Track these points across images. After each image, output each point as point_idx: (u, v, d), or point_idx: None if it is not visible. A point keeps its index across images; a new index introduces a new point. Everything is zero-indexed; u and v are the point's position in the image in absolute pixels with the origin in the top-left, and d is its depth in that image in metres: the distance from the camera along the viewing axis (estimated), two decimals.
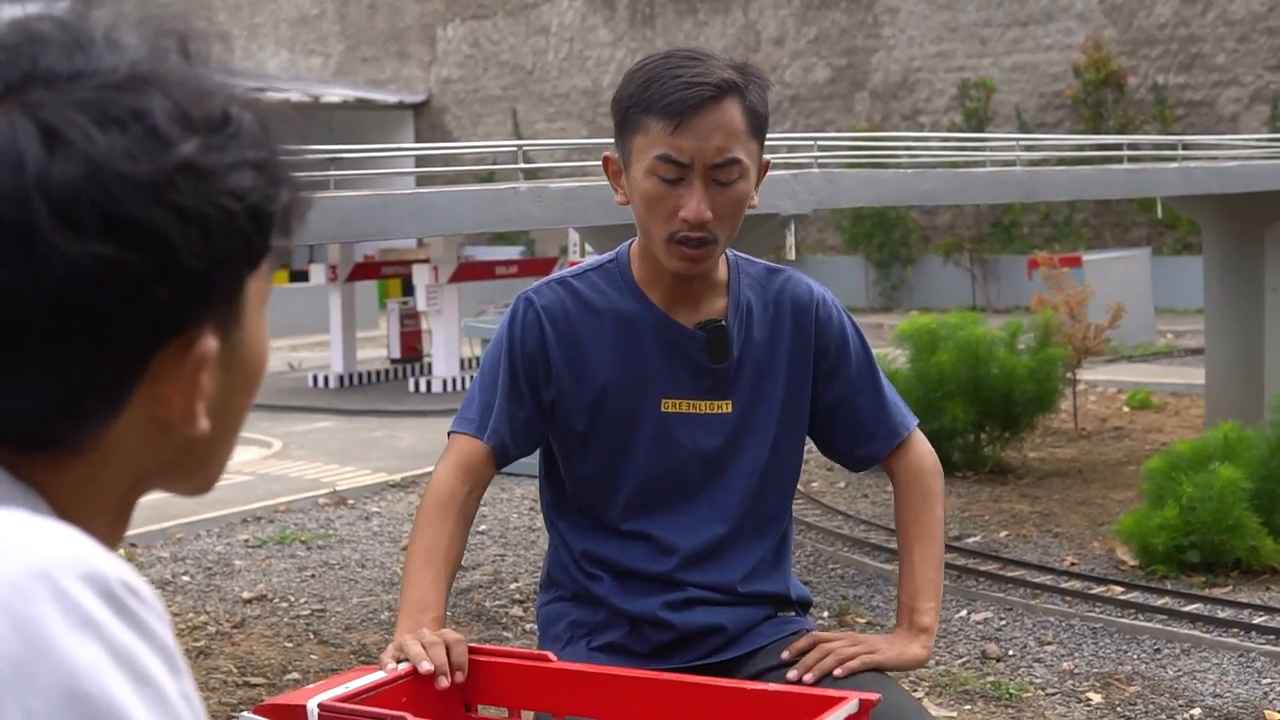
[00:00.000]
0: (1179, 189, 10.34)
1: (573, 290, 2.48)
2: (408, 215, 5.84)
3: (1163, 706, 5.37)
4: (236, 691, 5.58)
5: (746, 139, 2.34)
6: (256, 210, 0.90)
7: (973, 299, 22.74)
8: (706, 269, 2.40)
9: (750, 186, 2.37)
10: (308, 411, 13.63)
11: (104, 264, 0.83)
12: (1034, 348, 9.78)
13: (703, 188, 2.31)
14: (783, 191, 6.80)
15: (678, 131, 2.29)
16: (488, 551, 7.89)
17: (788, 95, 25.98)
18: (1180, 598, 6.61)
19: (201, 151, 0.87)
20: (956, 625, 6.41)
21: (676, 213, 2.32)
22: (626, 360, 2.46)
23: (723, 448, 2.49)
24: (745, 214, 2.42)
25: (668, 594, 2.48)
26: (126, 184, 0.84)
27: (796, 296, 2.51)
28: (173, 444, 0.94)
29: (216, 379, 0.93)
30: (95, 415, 0.89)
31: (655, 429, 2.47)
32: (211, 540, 8.26)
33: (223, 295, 0.91)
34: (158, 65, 0.89)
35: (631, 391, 2.46)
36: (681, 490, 2.49)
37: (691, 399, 2.47)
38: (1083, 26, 23.50)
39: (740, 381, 2.48)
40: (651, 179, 2.33)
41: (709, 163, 2.30)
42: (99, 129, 0.84)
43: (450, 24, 30.22)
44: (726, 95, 2.31)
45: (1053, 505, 8.75)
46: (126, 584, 0.84)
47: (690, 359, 2.46)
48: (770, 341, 2.49)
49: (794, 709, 2.18)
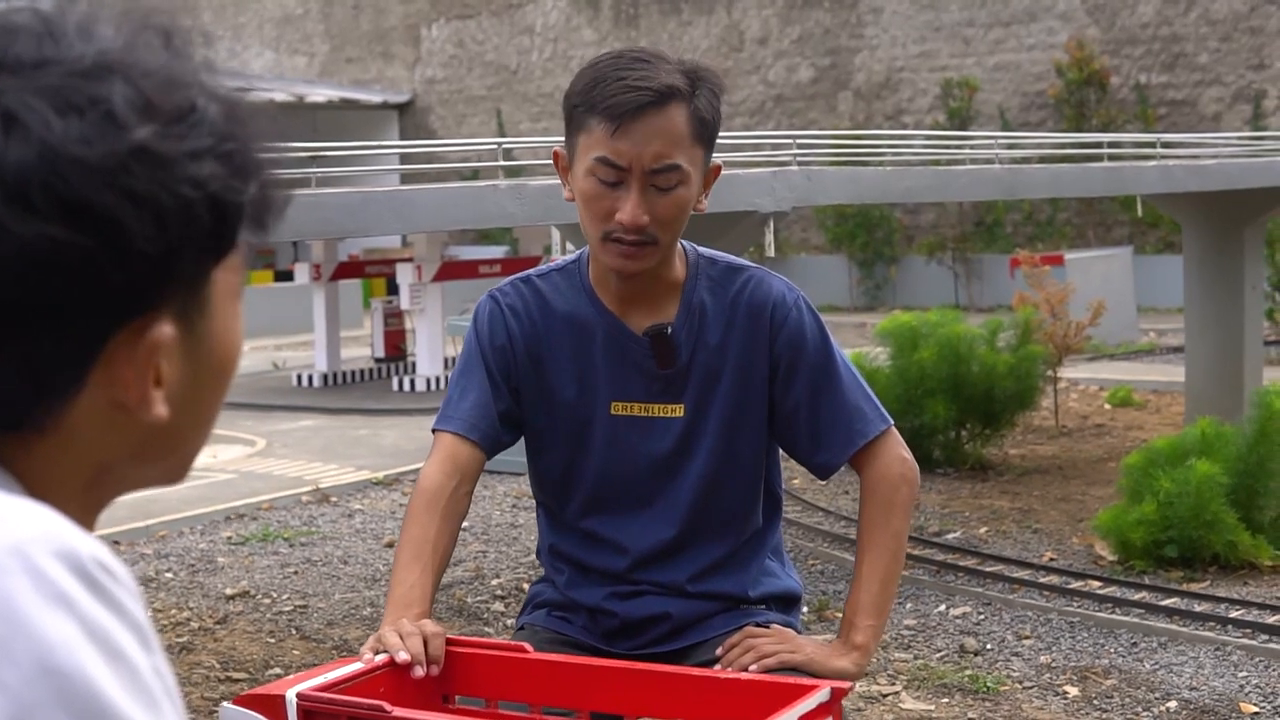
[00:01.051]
0: (1158, 187, 10.38)
1: (535, 290, 2.51)
2: (388, 212, 5.86)
3: (1139, 700, 5.41)
4: (219, 686, 5.60)
5: (689, 145, 2.34)
6: (217, 200, 0.91)
7: (956, 298, 22.78)
8: (646, 267, 2.39)
9: (692, 193, 2.37)
10: (292, 410, 13.63)
11: (56, 245, 0.85)
12: (1014, 345, 9.82)
13: (640, 192, 2.31)
14: (761, 189, 6.83)
15: (617, 134, 2.29)
16: (470, 548, 7.91)
17: (771, 95, 26.01)
18: (1157, 592, 6.65)
19: (157, 138, 0.88)
20: (935, 620, 6.45)
21: (613, 214, 2.33)
22: (579, 362, 2.48)
23: (674, 451, 2.49)
24: (692, 215, 2.43)
25: (618, 586, 2.52)
26: (79, 167, 0.85)
27: (754, 299, 2.48)
28: (135, 430, 0.95)
29: (180, 368, 0.95)
30: (53, 396, 0.90)
31: (607, 431, 2.48)
32: (195, 537, 8.27)
33: (183, 283, 0.92)
34: (128, 54, 0.90)
35: (584, 394, 2.48)
36: (633, 492, 2.51)
37: (642, 402, 2.48)
38: (1065, 26, 23.55)
39: (690, 385, 2.48)
40: (591, 179, 2.34)
41: (647, 168, 2.31)
42: (57, 114, 0.86)
43: (435, 24, 30.19)
44: (670, 101, 2.31)
45: (1033, 501, 8.80)
46: (100, 561, 0.86)
47: (638, 364, 2.48)
48: (722, 345, 2.47)
49: (767, 697, 2.21)
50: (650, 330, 2.46)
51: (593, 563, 2.54)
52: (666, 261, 2.46)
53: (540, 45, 28.75)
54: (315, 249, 15.61)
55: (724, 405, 2.49)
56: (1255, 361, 11.15)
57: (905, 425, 9.44)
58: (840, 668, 2.39)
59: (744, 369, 2.49)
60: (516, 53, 28.97)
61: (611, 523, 2.52)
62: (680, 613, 2.54)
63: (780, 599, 2.62)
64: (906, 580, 7.05)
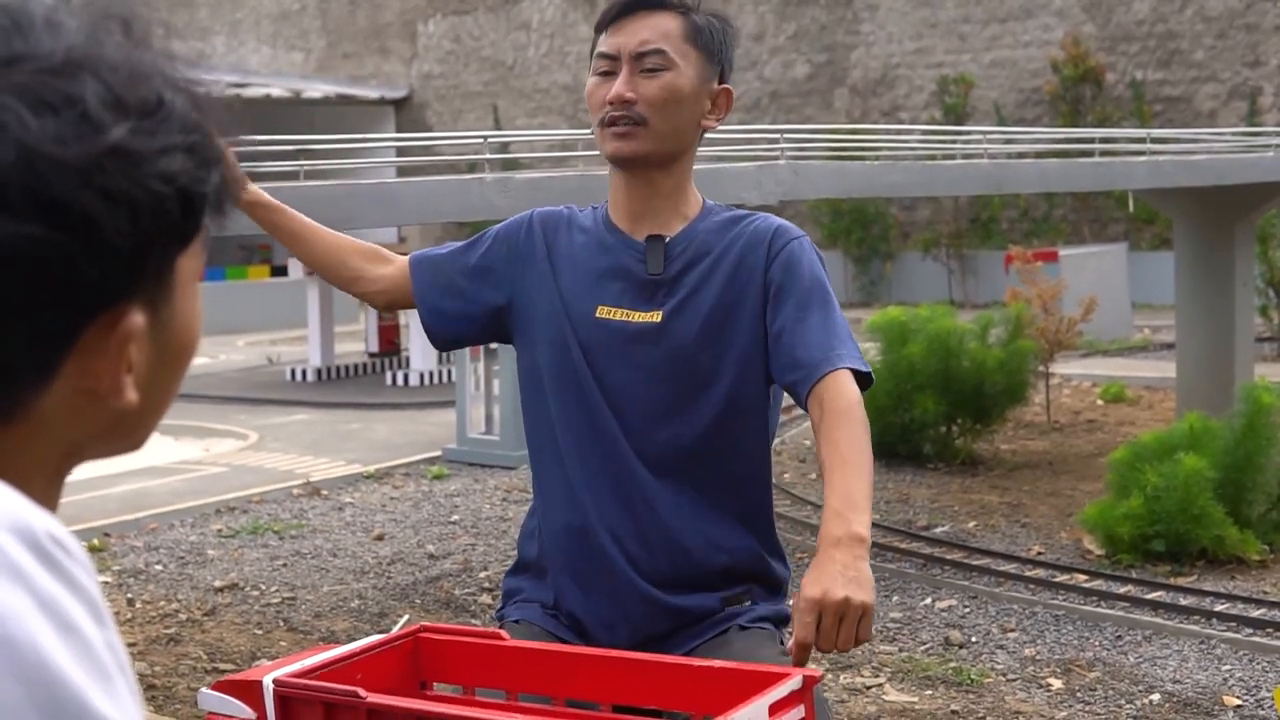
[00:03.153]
0: (1148, 182, 10.40)
1: (572, 213, 2.62)
2: (373, 205, 5.88)
3: (1122, 692, 5.44)
4: (205, 677, 5.62)
5: (680, 42, 2.45)
6: (186, 192, 0.94)
7: (951, 294, 22.80)
8: (639, 151, 2.44)
9: (683, 82, 2.45)
10: (285, 404, 13.65)
11: (33, 243, 0.87)
12: (1005, 341, 9.85)
13: (629, 74, 2.44)
14: (748, 183, 6.86)
15: (610, 31, 2.47)
16: (459, 541, 7.93)
17: (767, 91, 26.02)
18: (1143, 586, 6.68)
19: (131, 136, 0.90)
20: (921, 613, 6.47)
21: (606, 99, 2.44)
22: (571, 269, 2.54)
23: (644, 355, 2.47)
24: (699, 133, 2.50)
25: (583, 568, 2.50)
26: (56, 167, 0.86)
27: (757, 231, 2.50)
28: (102, 414, 0.97)
29: (145, 353, 0.97)
30: (24, 386, 0.92)
31: (590, 333, 2.51)
32: (185, 530, 8.29)
33: (151, 274, 0.94)
34: (94, 49, 0.92)
35: (568, 297, 2.53)
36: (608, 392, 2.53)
37: (624, 308, 2.51)
38: (1061, 23, 23.58)
39: (672, 296, 2.50)
40: (593, 79, 2.48)
41: (633, 52, 2.44)
42: (32, 113, 0.87)
43: (431, 20, 30.20)
44: (663, 8, 2.46)
45: (1022, 496, 8.82)
46: (54, 536, 0.87)
47: (628, 268, 2.52)
48: (713, 267, 2.48)
49: (739, 684, 2.23)
50: (649, 236, 2.54)
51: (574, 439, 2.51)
52: (675, 181, 2.52)
53: (537, 41, 28.75)
54: None
55: (703, 319, 2.47)
56: (1246, 357, 11.18)
57: (895, 420, 9.46)
58: (867, 575, 2.07)
59: (734, 289, 2.47)
60: (513, 48, 28.98)
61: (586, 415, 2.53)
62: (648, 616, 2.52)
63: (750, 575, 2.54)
64: (893, 573, 7.08)
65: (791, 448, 10.81)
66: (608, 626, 2.52)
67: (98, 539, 7.97)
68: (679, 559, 2.51)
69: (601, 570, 2.52)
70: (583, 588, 2.53)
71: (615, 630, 2.52)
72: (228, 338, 20.22)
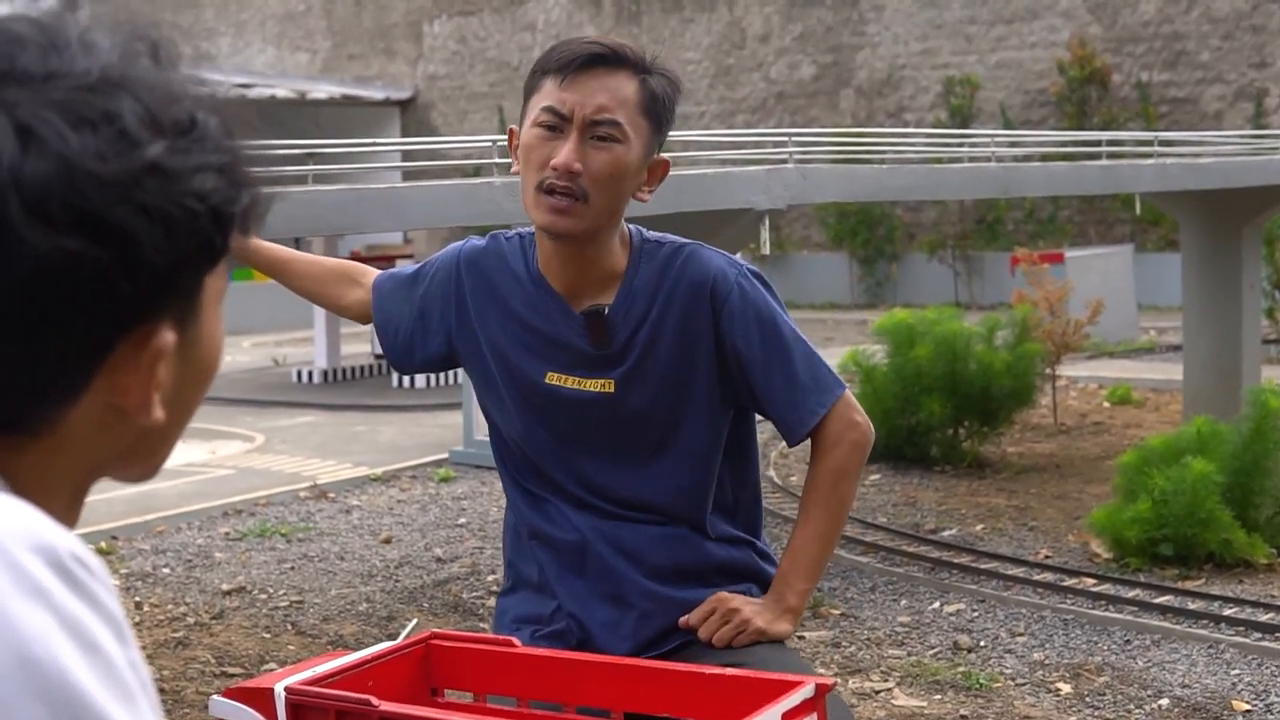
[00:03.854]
0: (1155, 185, 10.39)
1: (500, 249, 2.55)
2: (382, 209, 5.88)
3: (1131, 697, 5.43)
4: (214, 681, 5.63)
5: (634, 112, 2.36)
6: (218, 211, 0.95)
7: (956, 296, 22.79)
8: (574, 229, 2.36)
9: (630, 158, 2.36)
10: (291, 406, 13.67)
11: (72, 258, 0.87)
12: (1012, 343, 9.84)
13: (579, 141, 2.33)
14: (757, 187, 6.85)
15: (564, 85, 2.35)
16: (466, 544, 7.93)
17: (773, 93, 26.02)
18: (1151, 590, 6.67)
19: (168, 154, 0.91)
20: (929, 617, 6.47)
21: (549, 162, 2.34)
22: (523, 327, 2.51)
23: (601, 421, 2.50)
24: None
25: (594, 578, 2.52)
26: (96, 182, 0.88)
27: (694, 276, 2.46)
28: (128, 432, 0.98)
29: (173, 371, 0.98)
30: (55, 401, 0.93)
31: (543, 397, 2.51)
32: (192, 533, 8.30)
33: (183, 291, 0.95)
34: (128, 69, 0.93)
35: (526, 359, 2.51)
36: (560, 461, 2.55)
37: (576, 377, 2.49)
38: (1067, 24, 23.56)
39: (623, 362, 2.48)
40: (534, 130, 2.37)
41: (588, 118, 2.33)
42: (72, 129, 0.88)
43: (437, 20, 30.21)
44: (622, 66, 2.36)
45: (1029, 499, 8.81)
46: (76, 556, 0.88)
47: (572, 342, 2.49)
48: (659, 322, 2.46)
49: (752, 691, 2.23)
50: (587, 310, 2.48)
51: (557, 480, 2.54)
52: (605, 246, 2.45)
53: (542, 42, 28.75)
54: (316, 246, 15.63)
55: (657, 381, 2.48)
56: (1253, 360, 11.17)
57: (902, 422, 9.46)
58: (781, 630, 2.47)
59: (684, 345, 2.48)
60: (518, 49, 28.99)
61: (561, 462, 2.54)
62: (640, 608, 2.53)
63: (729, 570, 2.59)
64: (901, 577, 7.07)
65: (796, 452, 10.79)
66: (611, 626, 2.52)
67: (105, 542, 7.98)
68: (680, 553, 2.53)
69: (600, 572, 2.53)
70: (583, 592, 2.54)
71: (618, 629, 2.52)
72: (233, 339, 20.24)
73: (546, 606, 2.57)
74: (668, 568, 2.52)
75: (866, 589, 6.90)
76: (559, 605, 2.55)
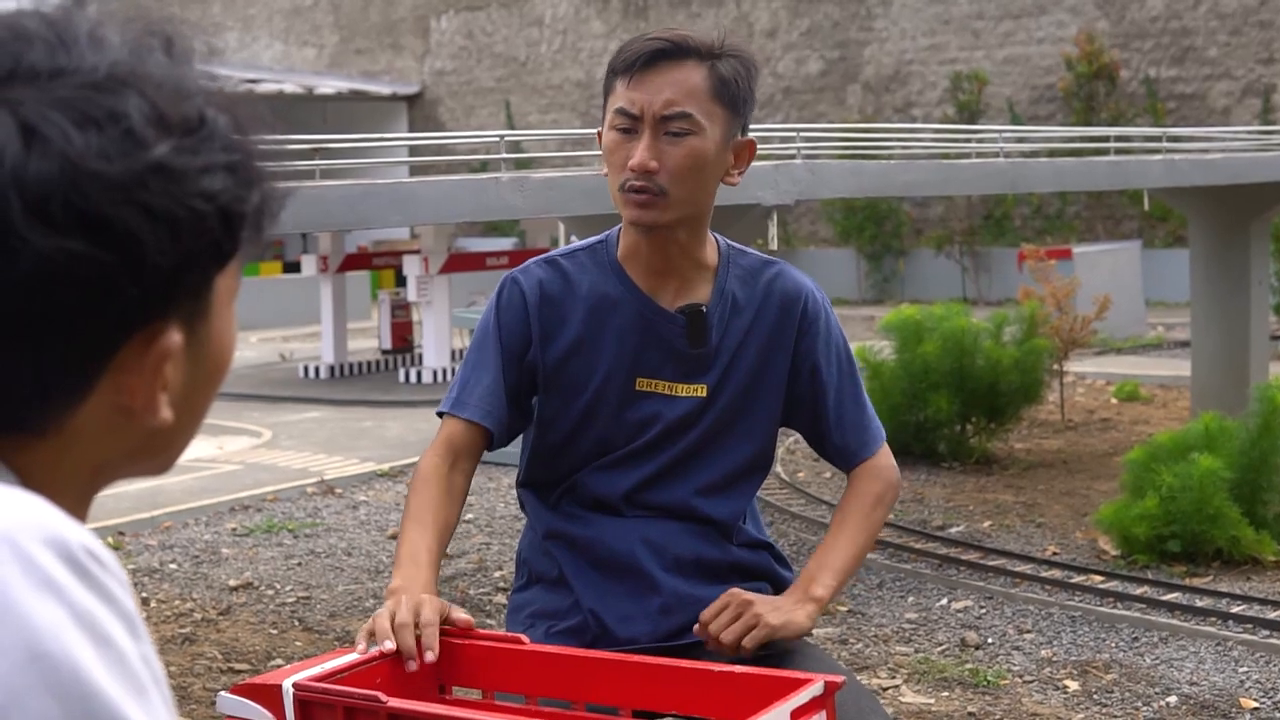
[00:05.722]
0: (1163, 181, 10.37)
1: (559, 269, 2.52)
2: (389, 205, 5.88)
3: (1139, 694, 5.42)
4: (221, 677, 5.63)
5: (706, 100, 2.36)
6: (226, 211, 0.93)
7: (964, 291, 22.77)
8: (659, 221, 2.38)
9: (708, 147, 2.37)
10: (298, 402, 13.67)
11: (74, 259, 0.86)
12: (1019, 339, 9.82)
13: (651, 139, 2.34)
14: (764, 182, 6.84)
15: (632, 84, 2.35)
16: (473, 540, 7.93)
17: (780, 88, 26.00)
18: (1159, 587, 6.66)
19: (174, 154, 0.90)
20: (937, 614, 6.47)
21: (627, 163, 2.35)
22: (604, 341, 2.48)
23: (687, 424, 2.51)
24: (718, 186, 2.45)
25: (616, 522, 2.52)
26: (99, 183, 0.86)
27: (785, 292, 2.52)
28: (136, 432, 0.97)
29: (181, 371, 0.97)
30: (60, 401, 0.92)
31: (626, 403, 2.50)
32: (199, 529, 8.30)
33: (190, 292, 0.94)
34: (138, 65, 0.91)
35: (607, 371, 2.49)
36: (637, 453, 2.54)
37: (668, 380, 2.50)
38: (1075, 19, 23.53)
39: (714, 366, 2.51)
40: (611, 133, 2.39)
41: (657, 114, 2.34)
42: (76, 128, 0.87)
43: (444, 15, 30.20)
44: (687, 56, 2.35)
45: (1037, 496, 8.80)
46: (89, 549, 0.87)
47: (668, 341, 2.49)
48: (749, 331, 2.50)
49: (761, 689, 2.22)
50: (686, 309, 2.48)
51: (595, 490, 2.53)
52: (697, 238, 2.47)
53: (549, 37, 28.75)
54: (323, 240, 15.65)
55: (740, 389, 2.52)
56: (1261, 356, 11.15)
57: (910, 419, 9.45)
58: (800, 624, 2.44)
59: (765, 357, 2.52)
60: (525, 44, 28.98)
61: (608, 474, 2.53)
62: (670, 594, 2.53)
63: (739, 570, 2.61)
64: (908, 574, 7.07)
65: (805, 448, 10.79)
66: (629, 620, 2.52)
67: (112, 537, 7.98)
68: (703, 549, 2.54)
69: (621, 566, 2.53)
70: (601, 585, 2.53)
71: (637, 623, 2.52)
72: (240, 334, 19.92)
73: (563, 601, 2.56)
74: (690, 561, 2.52)
75: (874, 585, 6.89)
76: (576, 600, 2.55)
